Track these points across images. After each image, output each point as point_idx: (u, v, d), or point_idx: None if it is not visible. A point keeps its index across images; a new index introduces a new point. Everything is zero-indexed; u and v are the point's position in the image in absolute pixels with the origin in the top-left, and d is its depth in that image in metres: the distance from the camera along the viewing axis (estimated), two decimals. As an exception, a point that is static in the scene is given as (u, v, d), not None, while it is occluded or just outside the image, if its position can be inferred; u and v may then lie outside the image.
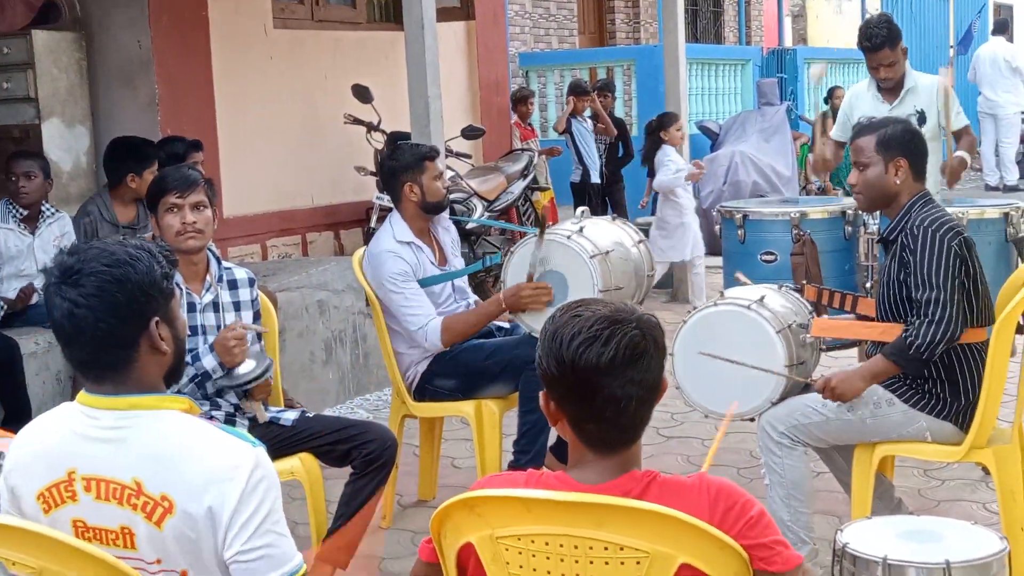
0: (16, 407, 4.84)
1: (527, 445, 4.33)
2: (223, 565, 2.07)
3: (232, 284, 3.86)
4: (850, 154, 3.85)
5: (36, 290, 5.29)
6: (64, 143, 6.64)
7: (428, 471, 4.86)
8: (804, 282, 4.21)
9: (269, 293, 4.83)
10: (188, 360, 3.45)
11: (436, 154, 4.67)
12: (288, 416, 3.89)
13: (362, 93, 7.68)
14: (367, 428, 3.95)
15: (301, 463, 3.82)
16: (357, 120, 7.81)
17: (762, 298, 3.87)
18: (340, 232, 8.43)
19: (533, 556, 2.03)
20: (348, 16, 8.63)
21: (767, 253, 5.27)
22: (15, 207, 5.42)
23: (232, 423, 3.69)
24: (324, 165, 8.24)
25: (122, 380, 2.12)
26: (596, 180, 10.22)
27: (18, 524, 2.09)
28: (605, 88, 11.04)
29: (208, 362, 3.59)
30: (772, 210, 5.42)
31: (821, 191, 12.49)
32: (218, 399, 3.76)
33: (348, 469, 3.90)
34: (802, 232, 5.08)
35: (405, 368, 4.53)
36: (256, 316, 3.93)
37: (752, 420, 3.95)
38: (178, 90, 7.03)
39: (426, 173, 4.50)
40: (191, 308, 3.70)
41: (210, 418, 3.13)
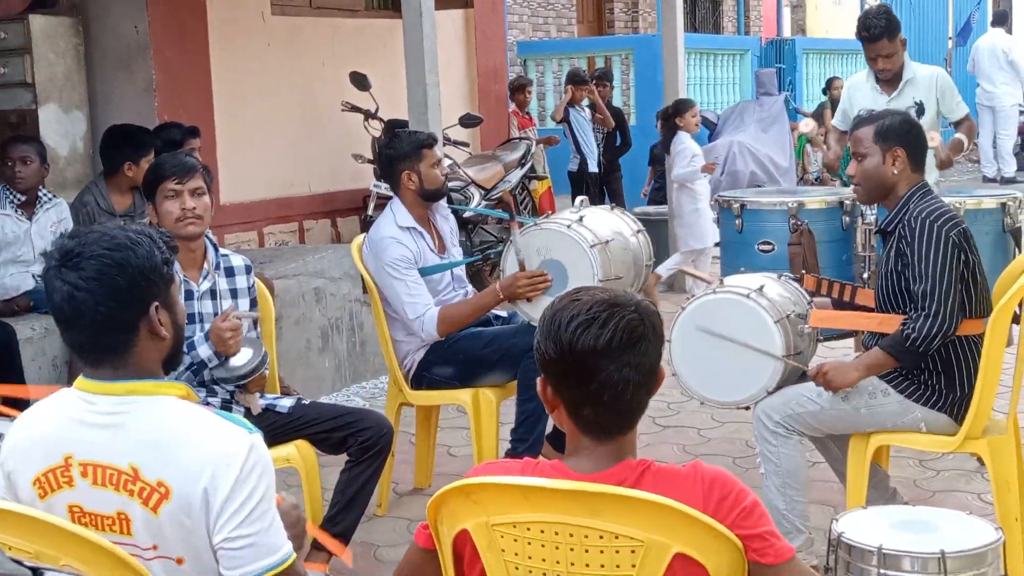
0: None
1: (525, 433, 4.33)
2: (215, 551, 2.07)
3: (229, 271, 3.85)
4: (849, 146, 3.85)
5: (31, 303, 5.31)
6: (61, 128, 6.62)
7: (424, 459, 4.86)
8: (803, 272, 4.20)
9: (266, 280, 4.83)
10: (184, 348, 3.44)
11: (434, 141, 4.67)
12: (284, 403, 3.90)
13: (360, 81, 7.67)
14: (363, 416, 3.95)
15: (297, 450, 3.83)
16: (355, 108, 7.80)
17: (761, 287, 3.87)
18: (337, 220, 8.42)
19: (528, 544, 2.04)
20: (346, 3, 8.60)
21: (764, 243, 5.26)
22: (12, 193, 5.41)
23: (228, 410, 3.69)
24: (321, 153, 8.23)
25: (121, 365, 2.12)
26: (594, 169, 10.21)
27: (15, 509, 2.09)
28: (603, 77, 11.03)
29: (203, 351, 3.58)
30: (770, 200, 5.41)
31: (819, 181, 12.50)
32: (215, 386, 3.76)
33: (344, 457, 3.91)
34: (800, 222, 5.08)
35: (403, 356, 4.53)
36: (253, 303, 3.92)
37: (748, 409, 3.96)
38: (175, 76, 7.02)
39: (424, 161, 4.50)
40: (188, 296, 3.69)
41: (207, 404, 3.13)
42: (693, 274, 5.16)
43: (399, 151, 4.52)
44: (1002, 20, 13.98)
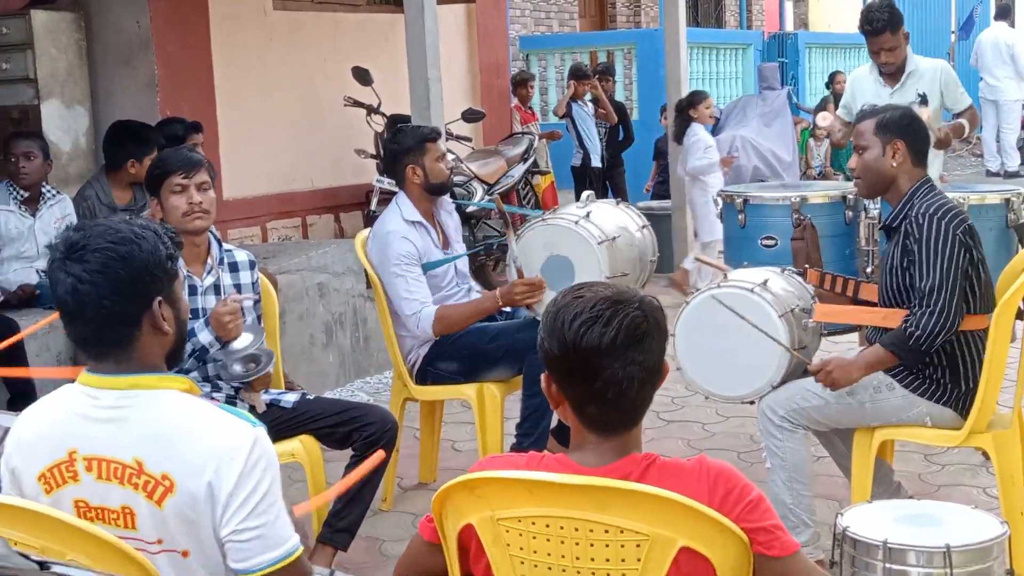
0: (21, 389, 4.84)
1: (530, 428, 4.33)
2: (221, 544, 2.07)
3: (233, 266, 3.85)
4: (852, 139, 3.85)
5: (36, 291, 5.29)
6: (63, 124, 6.62)
7: (429, 454, 4.87)
8: (807, 266, 4.20)
9: (270, 275, 4.82)
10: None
11: (438, 135, 4.68)
12: (289, 398, 3.90)
13: (362, 75, 7.67)
14: (368, 411, 3.95)
15: (302, 445, 3.82)
16: (357, 103, 7.80)
17: (765, 281, 3.87)
18: (340, 215, 8.43)
19: (534, 538, 2.04)
20: (348, -2, 8.61)
21: (767, 238, 5.24)
22: (16, 189, 5.41)
23: (233, 404, 3.69)
24: (324, 148, 8.23)
25: (124, 359, 2.12)
26: (597, 164, 10.20)
27: (21, 504, 2.09)
28: (605, 72, 11.02)
29: (204, 337, 3.59)
30: (773, 195, 5.39)
31: (821, 176, 12.49)
32: (219, 381, 3.76)
33: (349, 452, 3.91)
34: (803, 217, 5.06)
35: (407, 351, 4.53)
36: (257, 299, 3.93)
37: (752, 403, 3.96)
38: (177, 71, 7.02)
39: (428, 154, 4.50)
40: (192, 291, 3.69)
41: (211, 399, 3.13)
42: (710, 263, 5.14)
43: (403, 145, 4.52)
44: (1005, 14, 13.95)
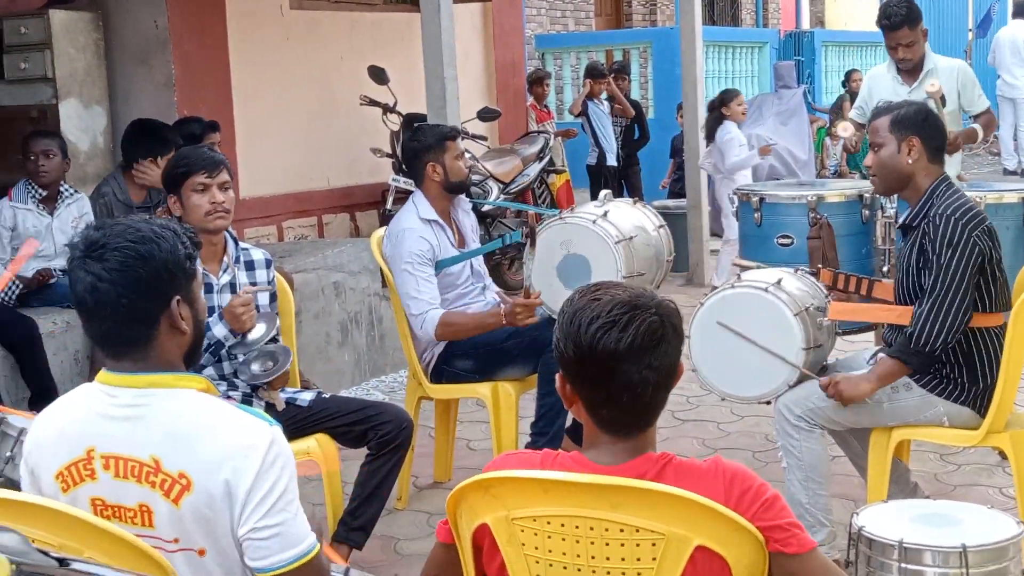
0: (41, 387, 4.86)
1: (545, 427, 4.33)
2: (239, 543, 2.08)
3: (249, 265, 3.87)
4: (868, 137, 3.83)
5: (53, 273, 5.31)
6: (81, 123, 6.65)
7: (444, 453, 4.87)
8: (820, 266, 4.19)
9: (285, 274, 4.84)
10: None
11: (457, 134, 4.69)
12: (304, 397, 3.91)
13: (378, 74, 7.67)
14: (383, 409, 3.96)
15: (318, 444, 3.83)
16: (373, 102, 7.81)
17: (779, 281, 3.87)
18: (356, 214, 8.44)
19: (549, 538, 2.04)
20: (364, -3, 8.62)
21: (784, 236, 5.23)
22: (34, 188, 5.44)
23: (249, 403, 3.70)
24: (340, 147, 8.24)
25: (142, 357, 2.13)
26: (612, 163, 10.19)
27: (38, 501, 2.10)
28: (621, 71, 11.01)
29: (219, 331, 3.61)
30: (789, 193, 5.38)
31: (837, 175, 12.44)
32: (235, 380, 3.77)
33: (364, 451, 3.92)
34: (819, 215, 5.04)
35: (422, 350, 4.53)
36: (272, 297, 3.94)
37: (769, 403, 3.95)
38: (194, 70, 7.04)
39: (448, 153, 4.51)
40: (208, 289, 3.70)
41: (228, 398, 3.14)
42: (744, 264, 5.12)
43: (423, 143, 4.53)
44: (1022, 12, 13.88)
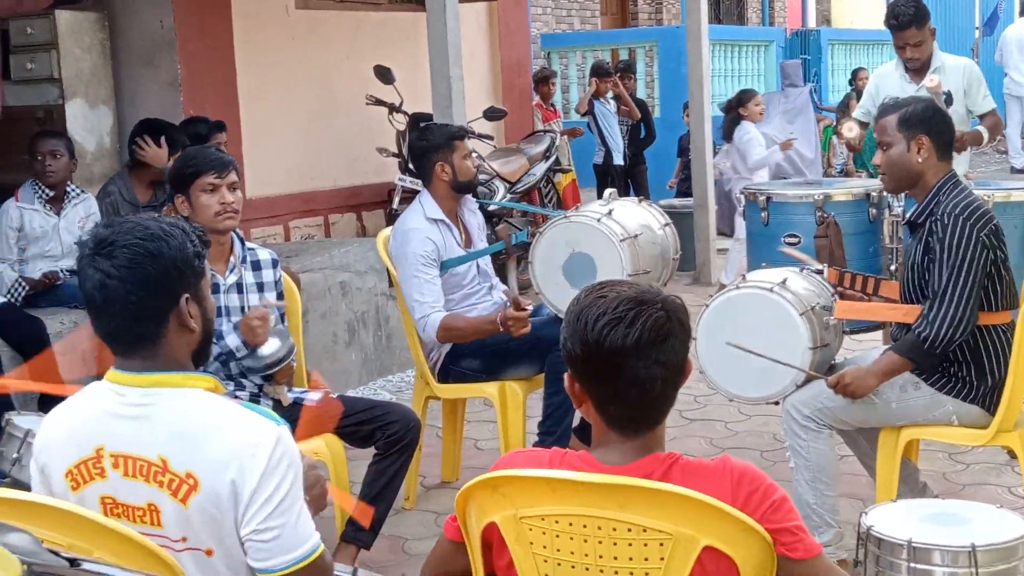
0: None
1: (552, 426, 4.33)
2: (243, 543, 2.08)
3: (256, 265, 3.87)
4: (875, 135, 3.82)
5: (60, 276, 5.32)
6: (88, 123, 6.66)
7: (451, 452, 4.87)
8: (826, 264, 4.18)
9: (292, 274, 4.84)
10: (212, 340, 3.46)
11: (465, 133, 4.70)
12: (312, 396, 3.90)
13: (384, 74, 7.67)
14: (390, 409, 3.96)
15: (325, 444, 3.83)
16: (379, 101, 7.81)
17: (784, 280, 3.86)
18: (362, 213, 8.44)
19: (557, 536, 2.03)
20: (370, -4, 8.62)
21: (791, 235, 5.21)
22: (41, 188, 5.45)
23: (257, 403, 3.70)
24: (346, 146, 8.24)
25: (150, 356, 2.13)
26: (619, 162, 10.19)
27: (48, 502, 2.10)
28: (627, 70, 11.00)
29: (232, 340, 3.61)
30: (796, 192, 5.37)
31: (844, 173, 12.42)
32: (243, 379, 3.78)
33: (372, 450, 3.92)
34: (826, 214, 5.04)
35: (429, 349, 4.53)
36: (279, 297, 3.94)
37: (777, 403, 3.94)
38: (200, 70, 7.05)
39: (456, 152, 4.51)
40: (215, 289, 3.71)
41: (235, 398, 3.14)
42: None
43: (432, 142, 4.53)
44: (1030, 9, 13.84)
